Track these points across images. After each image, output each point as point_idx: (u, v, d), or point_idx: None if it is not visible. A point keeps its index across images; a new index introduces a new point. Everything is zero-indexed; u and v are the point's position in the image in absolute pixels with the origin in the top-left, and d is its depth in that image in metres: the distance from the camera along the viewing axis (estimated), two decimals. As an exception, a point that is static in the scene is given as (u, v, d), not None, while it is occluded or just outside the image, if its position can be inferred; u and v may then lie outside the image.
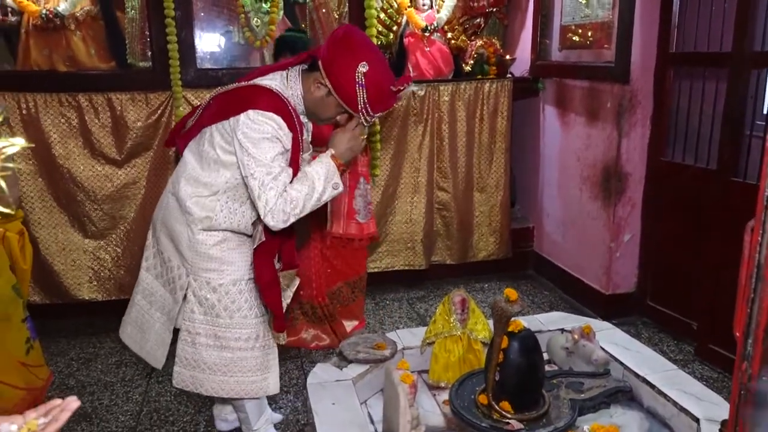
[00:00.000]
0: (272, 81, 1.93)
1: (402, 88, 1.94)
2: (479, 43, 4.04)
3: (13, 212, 2.04)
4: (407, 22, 3.96)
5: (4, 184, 0.70)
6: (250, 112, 1.82)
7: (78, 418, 2.68)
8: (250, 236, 2.05)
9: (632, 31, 3.12)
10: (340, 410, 2.11)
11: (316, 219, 2.83)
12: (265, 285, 2.02)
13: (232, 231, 1.99)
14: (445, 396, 2.23)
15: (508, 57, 4.06)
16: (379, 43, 3.79)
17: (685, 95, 3.17)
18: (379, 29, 3.93)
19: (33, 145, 2.26)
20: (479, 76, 3.95)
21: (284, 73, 1.97)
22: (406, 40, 3.98)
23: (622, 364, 2.43)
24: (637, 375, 2.33)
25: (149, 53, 3.52)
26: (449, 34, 4.11)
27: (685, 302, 3.16)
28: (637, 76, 3.20)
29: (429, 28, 3.90)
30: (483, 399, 2.01)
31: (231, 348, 2.04)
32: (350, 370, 2.39)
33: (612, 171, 3.38)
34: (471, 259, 4.06)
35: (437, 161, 3.89)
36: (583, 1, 3.51)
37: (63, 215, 3.42)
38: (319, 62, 1.89)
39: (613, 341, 2.61)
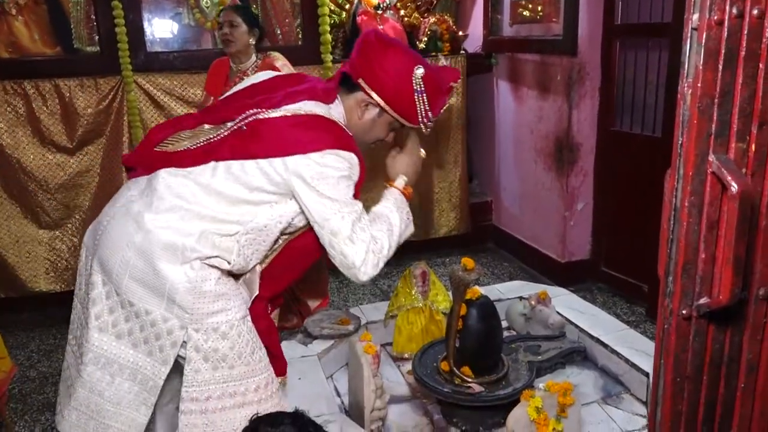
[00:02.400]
0: (320, 107, 1.60)
1: (457, 82, 1.77)
2: (432, 20, 4.06)
3: None
4: (360, 1, 3.95)
5: None
6: (326, 152, 1.50)
7: (41, 407, 2.65)
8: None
9: (578, 4, 3.20)
10: (307, 384, 2.16)
11: None
12: (265, 330, 1.67)
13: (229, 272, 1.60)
14: (409, 367, 2.29)
15: (461, 33, 4.10)
16: (331, 21, 3.78)
17: (630, 66, 3.27)
18: (332, 8, 3.91)
19: None
20: (433, 53, 3.97)
21: (324, 102, 1.63)
22: (359, 19, 3.97)
23: (577, 326, 2.53)
24: (591, 336, 2.44)
25: (96, 37, 3.43)
26: (402, 12, 4.12)
27: (636, 266, 3.29)
28: (585, 48, 3.28)
29: (381, 5, 3.89)
30: (445, 366, 2.08)
31: (252, 402, 1.58)
32: (315, 346, 2.44)
33: (564, 142, 3.48)
34: (433, 235, 4.13)
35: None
36: (532, -24, 3.56)
37: (15, 206, 3.34)
38: (360, 80, 1.62)
39: (569, 306, 2.71)
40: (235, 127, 1.57)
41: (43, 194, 3.34)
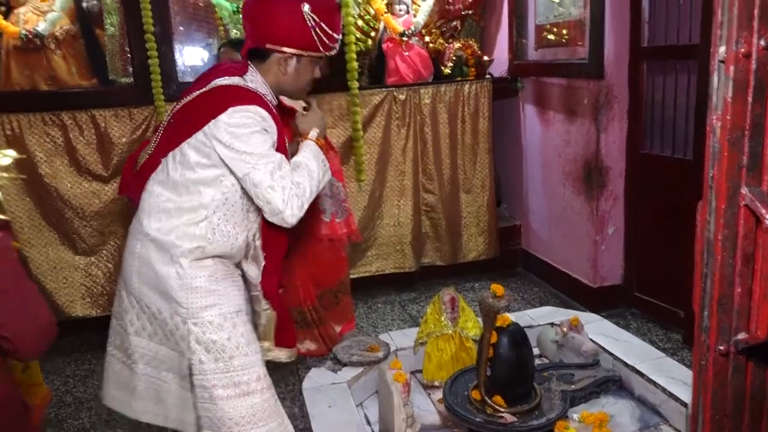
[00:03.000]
0: (233, 80, 1.77)
1: None
2: (457, 45, 4.10)
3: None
4: (385, 28, 4.01)
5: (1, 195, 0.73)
6: (229, 110, 1.65)
7: (77, 434, 2.70)
8: (236, 266, 1.85)
9: (603, 28, 3.19)
10: (337, 413, 2.15)
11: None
12: (280, 303, 1.86)
13: (221, 259, 1.77)
14: (439, 395, 2.27)
15: (486, 58, 4.12)
16: (357, 49, 3.83)
17: (659, 88, 3.24)
18: (358, 36, 3.97)
19: (24, 156, 1.91)
20: (459, 78, 4.00)
21: (237, 76, 1.80)
22: (384, 46, 4.03)
23: (611, 354, 2.49)
24: (626, 364, 2.39)
25: (130, 69, 3.53)
26: (427, 38, 4.17)
27: (671, 291, 3.22)
28: (612, 71, 3.27)
29: (407, 32, 3.95)
30: (476, 394, 2.06)
31: (254, 392, 1.73)
32: (345, 373, 2.44)
33: (593, 165, 3.45)
34: (461, 260, 4.11)
35: (422, 164, 3.94)
36: (557, 0, 3.57)
37: (53, 233, 3.43)
38: (266, 45, 1.76)
39: (601, 332, 2.67)
40: (166, 122, 1.80)
41: (79, 221, 3.43)
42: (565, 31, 3.55)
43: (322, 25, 1.74)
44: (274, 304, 1.86)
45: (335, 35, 1.80)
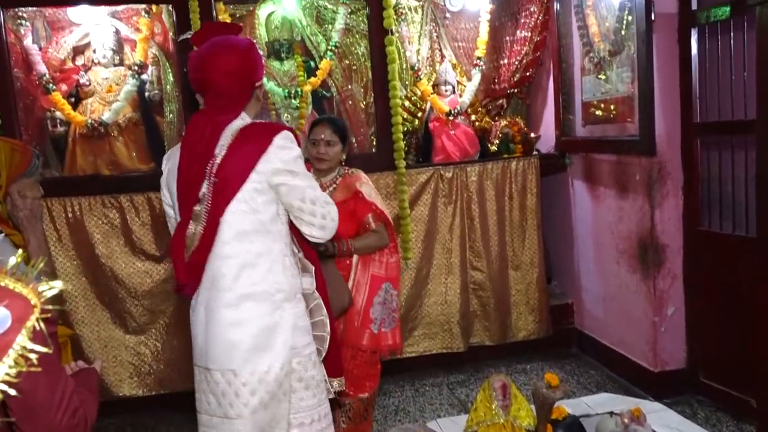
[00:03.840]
0: (244, 120, 1.81)
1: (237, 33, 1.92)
2: (503, 122, 4.13)
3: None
4: (431, 108, 4.09)
5: (43, 326, 0.74)
6: (274, 141, 1.71)
7: None
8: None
9: (653, 105, 3.15)
10: None
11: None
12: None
13: (302, 290, 1.84)
14: (491, 490, 2.13)
15: (532, 135, 4.13)
16: (404, 129, 3.91)
17: (715, 163, 3.15)
18: (405, 116, 4.06)
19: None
20: (505, 155, 4.00)
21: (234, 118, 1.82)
22: (431, 125, 4.10)
23: (677, 449, 2.30)
24: (695, 461, 2.20)
25: (186, 153, 3.68)
26: (473, 116, 4.22)
27: (741, 378, 3.00)
28: (664, 147, 3.21)
29: (453, 112, 4.01)
30: (531, 493, 1.92)
31: (330, 423, 1.86)
32: (392, 465, 2.32)
33: (648, 243, 3.33)
34: (511, 339, 3.97)
35: (469, 241, 3.89)
36: (602, 78, 3.58)
37: (105, 312, 3.50)
38: (255, 85, 1.85)
39: (666, 424, 2.49)
40: (210, 186, 1.73)
41: (131, 300, 3.50)
42: (612, 107, 3.54)
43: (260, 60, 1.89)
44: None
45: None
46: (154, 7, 3.72)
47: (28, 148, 1.94)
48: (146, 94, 3.79)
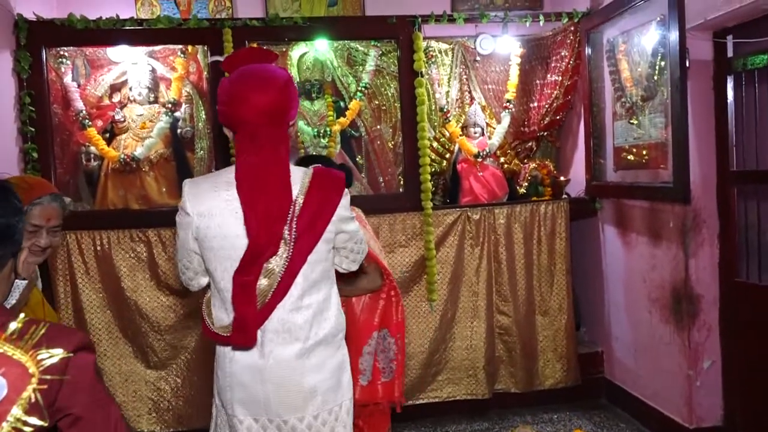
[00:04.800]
0: (297, 168, 1.74)
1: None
2: (532, 165, 4.08)
3: None
4: (459, 150, 4.07)
5: (40, 398, 0.71)
6: (344, 193, 1.73)
7: None
8: None
9: (688, 152, 3.08)
10: None
11: None
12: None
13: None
14: None
15: (562, 178, 4.07)
16: (432, 170, 3.89)
17: (752, 212, 3.06)
18: (432, 157, 4.05)
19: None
20: (534, 198, 3.95)
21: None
22: (459, 166, 4.07)
23: None
24: None
25: (215, 189, 3.70)
26: (502, 159, 4.19)
27: (781, 438, 2.84)
28: (699, 195, 3.13)
29: (481, 153, 3.99)
30: None
31: None
32: None
33: (682, 293, 3.22)
34: (537, 387, 3.84)
35: (496, 284, 3.81)
36: (634, 123, 3.53)
37: (127, 346, 3.49)
38: (290, 123, 1.72)
39: (702, 488, 2.34)
40: (291, 241, 1.63)
41: (154, 335, 3.48)
42: (645, 152, 3.47)
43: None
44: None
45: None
46: (189, 47, 3.81)
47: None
48: (178, 131, 3.85)
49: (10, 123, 3.30)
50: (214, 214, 1.64)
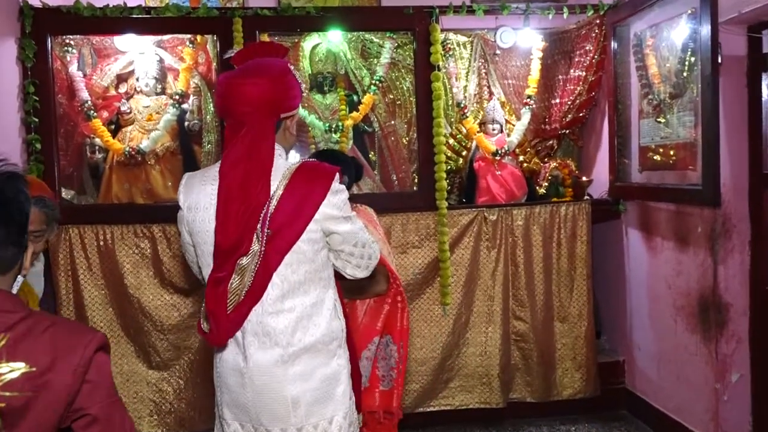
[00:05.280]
0: (282, 156, 1.67)
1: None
2: (553, 164, 3.94)
3: None
4: (477, 147, 3.93)
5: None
6: (331, 188, 1.59)
7: None
8: None
9: (719, 153, 2.90)
10: None
11: None
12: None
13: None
14: None
15: (584, 178, 3.92)
16: (448, 168, 3.75)
17: (788, 218, 2.88)
18: (449, 154, 3.91)
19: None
20: (555, 199, 3.80)
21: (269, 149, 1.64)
22: (476, 164, 3.94)
23: None
24: None
25: (223, 184, 3.60)
26: (521, 157, 4.04)
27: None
28: (729, 199, 2.96)
29: (500, 151, 3.84)
30: None
31: None
32: None
33: (710, 301, 3.05)
34: (554, 397, 3.69)
35: (513, 289, 3.66)
36: (662, 121, 3.36)
37: (129, 346, 3.39)
38: (281, 116, 1.65)
39: None
40: (262, 238, 1.56)
41: (156, 334, 3.38)
42: (672, 153, 3.30)
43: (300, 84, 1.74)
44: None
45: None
46: (198, 37, 3.70)
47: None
48: (186, 123, 3.75)
49: (13, 113, 3.20)
50: (200, 208, 1.62)
